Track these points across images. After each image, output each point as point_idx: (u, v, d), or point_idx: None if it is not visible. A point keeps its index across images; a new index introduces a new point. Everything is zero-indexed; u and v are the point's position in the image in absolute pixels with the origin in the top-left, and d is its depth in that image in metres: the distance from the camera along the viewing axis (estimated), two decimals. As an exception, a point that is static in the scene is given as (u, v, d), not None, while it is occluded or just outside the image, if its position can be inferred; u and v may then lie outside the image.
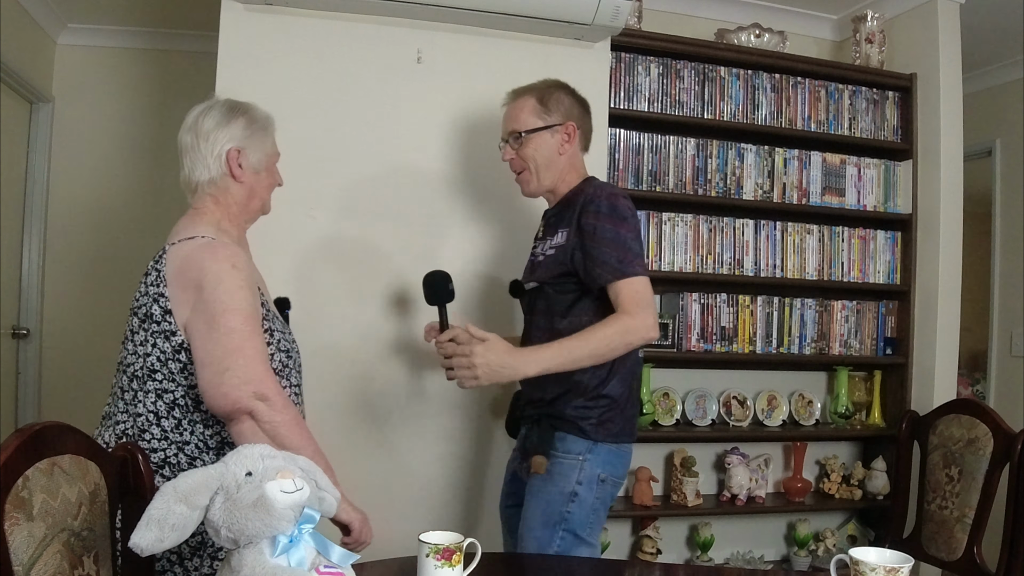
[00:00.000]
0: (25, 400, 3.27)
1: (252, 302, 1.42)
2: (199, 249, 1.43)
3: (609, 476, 1.68)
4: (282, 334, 1.57)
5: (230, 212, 1.55)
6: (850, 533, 3.07)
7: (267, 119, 1.60)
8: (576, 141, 1.79)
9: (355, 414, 2.31)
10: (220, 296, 1.38)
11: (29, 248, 3.32)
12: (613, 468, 1.69)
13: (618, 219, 1.64)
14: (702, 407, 2.94)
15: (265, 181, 1.59)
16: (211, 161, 1.51)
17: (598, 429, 1.67)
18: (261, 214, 1.66)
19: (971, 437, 2.33)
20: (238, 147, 1.52)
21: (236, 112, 1.55)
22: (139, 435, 1.43)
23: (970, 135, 3.04)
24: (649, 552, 2.76)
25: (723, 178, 2.85)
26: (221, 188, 1.53)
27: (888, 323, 3.05)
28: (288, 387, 1.56)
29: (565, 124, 1.76)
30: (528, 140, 1.77)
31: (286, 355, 1.56)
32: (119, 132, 3.39)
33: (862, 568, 1.12)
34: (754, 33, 2.93)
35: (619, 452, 1.70)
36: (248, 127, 1.55)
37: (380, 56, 2.34)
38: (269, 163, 1.59)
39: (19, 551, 0.98)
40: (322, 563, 1.04)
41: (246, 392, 1.34)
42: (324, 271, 2.31)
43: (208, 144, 1.50)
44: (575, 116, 1.77)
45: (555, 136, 1.76)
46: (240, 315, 1.38)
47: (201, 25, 3.07)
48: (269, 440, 1.34)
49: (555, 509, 1.65)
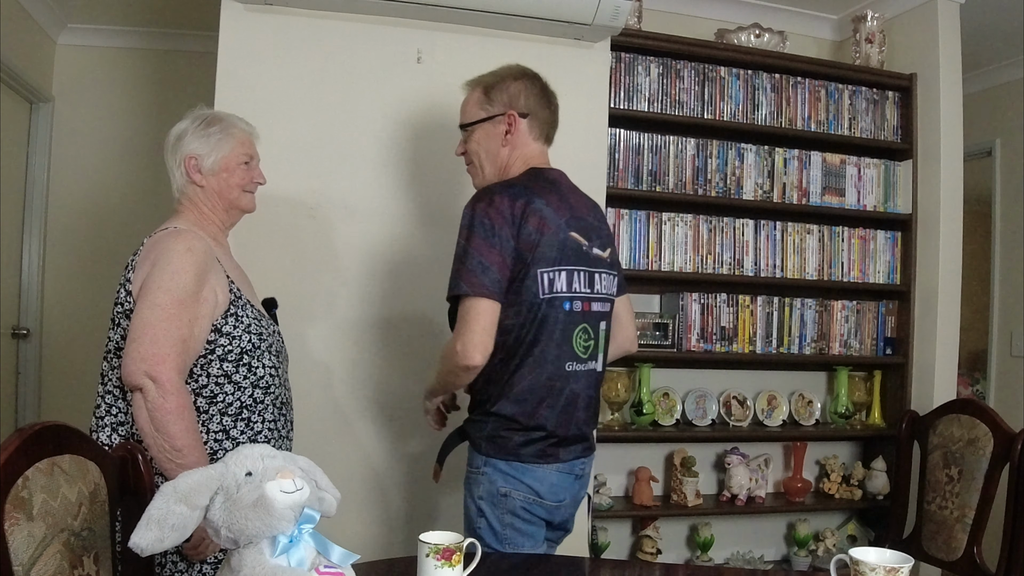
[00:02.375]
0: (25, 400, 3.27)
1: (191, 288, 1.46)
2: (166, 235, 1.53)
3: (513, 491, 1.54)
4: (270, 333, 1.62)
5: (202, 213, 1.64)
6: (850, 533, 3.08)
7: (228, 124, 1.65)
8: (520, 131, 1.65)
9: (362, 413, 2.31)
10: (161, 273, 1.45)
11: (29, 248, 3.32)
12: (516, 484, 1.54)
13: (468, 230, 1.51)
14: (702, 407, 2.94)
15: (230, 181, 1.64)
16: (176, 170, 1.63)
17: (488, 445, 1.56)
18: (242, 212, 1.71)
19: (971, 437, 2.33)
20: (193, 154, 1.61)
21: (196, 121, 1.63)
22: (108, 411, 1.50)
23: (970, 135, 3.04)
24: (649, 552, 2.77)
25: (723, 178, 2.85)
26: (189, 193, 1.64)
27: (888, 323, 3.05)
28: (272, 393, 1.59)
29: (506, 114, 1.64)
30: (471, 132, 1.70)
31: (276, 356, 1.62)
32: (119, 132, 3.39)
33: (862, 568, 1.12)
34: (754, 33, 2.93)
35: (523, 468, 1.54)
36: (203, 133, 1.62)
37: (380, 56, 2.34)
38: (227, 165, 1.63)
39: (19, 551, 0.98)
40: (322, 563, 1.04)
41: (139, 368, 1.38)
42: (324, 270, 2.31)
43: (173, 156, 1.63)
44: (520, 105, 1.65)
45: (497, 127, 1.65)
46: (170, 295, 1.43)
47: (201, 25, 3.07)
48: (148, 421, 1.38)
49: (471, 522, 1.61)
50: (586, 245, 1.60)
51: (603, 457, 2.71)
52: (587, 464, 1.69)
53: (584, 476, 1.68)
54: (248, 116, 2.21)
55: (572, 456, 1.61)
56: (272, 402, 1.60)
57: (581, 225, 1.60)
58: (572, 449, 1.61)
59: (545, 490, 1.57)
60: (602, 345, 1.66)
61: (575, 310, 1.57)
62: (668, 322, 2.82)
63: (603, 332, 1.66)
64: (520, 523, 1.57)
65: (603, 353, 1.67)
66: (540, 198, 1.55)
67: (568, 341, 1.56)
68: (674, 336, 2.82)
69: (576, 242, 1.57)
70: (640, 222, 2.77)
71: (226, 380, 1.52)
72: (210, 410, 1.51)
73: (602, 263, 1.64)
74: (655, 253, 2.79)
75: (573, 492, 1.64)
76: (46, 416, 3.23)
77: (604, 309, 1.66)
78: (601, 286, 1.64)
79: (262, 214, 2.25)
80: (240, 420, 1.54)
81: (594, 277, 1.62)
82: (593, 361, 1.63)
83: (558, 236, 1.54)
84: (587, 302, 1.60)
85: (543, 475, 1.56)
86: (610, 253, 1.69)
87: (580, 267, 1.58)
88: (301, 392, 2.28)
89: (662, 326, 2.82)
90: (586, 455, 1.67)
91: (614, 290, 1.70)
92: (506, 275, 1.49)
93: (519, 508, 1.56)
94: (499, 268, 1.48)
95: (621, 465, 2.89)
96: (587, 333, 1.60)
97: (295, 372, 1.94)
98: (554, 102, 1.72)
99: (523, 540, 1.58)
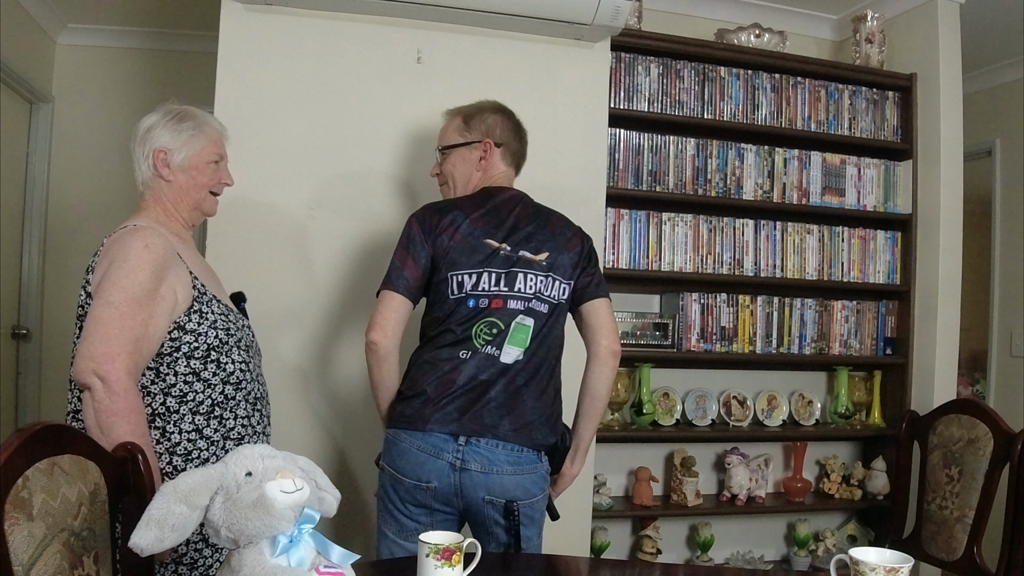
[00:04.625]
0: (25, 400, 3.27)
1: (147, 286, 1.44)
2: (124, 233, 1.51)
3: (386, 465, 1.66)
4: (238, 328, 1.61)
5: (166, 209, 1.62)
6: (850, 533, 3.08)
7: (200, 121, 1.65)
8: (494, 158, 1.82)
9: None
10: (117, 271, 1.43)
11: (29, 248, 3.32)
12: (387, 456, 1.66)
13: (398, 241, 1.73)
14: (702, 407, 2.94)
15: (197, 180, 1.64)
16: (143, 163, 1.61)
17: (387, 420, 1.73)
18: (203, 214, 1.70)
19: (971, 437, 2.33)
20: (163, 148, 1.60)
21: (167, 116, 1.62)
22: (74, 416, 1.48)
23: (970, 135, 3.04)
24: (649, 552, 2.77)
25: (723, 178, 2.85)
26: (154, 188, 1.62)
27: (888, 323, 3.05)
28: (244, 389, 1.58)
29: (483, 141, 1.81)
30: (448, 155, 1.85)
31: (246, 351, 1.62)
32: (119, 132, 3.35)
33: (862, 568, 1.12)
34: (754, 33, 2.93)
35: (392, 439, 1.65)
36: (175, 128, 1.61)
37: (380, 56, 2.34)
38: (197, 162, 1.63)
39: (19, 551, 0.98)
40: (322, 563, 1.04)
41: (88, 366, 1.36)
42: (324, 270, 2.31)
43: (141, 147, 1.61)
44: (496, 135, 1.82)
45: (472, 152, 1.82)
46: (125, 293, 1.41)
47: (201, 25, 3.07)
48: (94, 421, 1.36)
49: None
50: (506, 250, 1.69)
51: (603, 457, 2.71)
52: (477, 453, 1.60)
53: (470, 470, 1.59)
54: (248, 116, 2.23)
55: (446, 428, 1.59)
56: (244, 398, 1.59)
57: (506, 233, 1.71)
58: (446, 420, 1.60)
59: (404, 464, 1.61)
60: (520, 338, 1.66)
61: (480, 306, 1.66)
62: (668, 322, 2.82)
63: (523, 327, 1.67)
64: (387, 503, 1.65)
65: (519, 346, 1.66)
66: (459, 211, 1.72)
67: (468, 332, 1.66)
68: (674, 336, 2.82)
69: (489, 247, 1.69)
70: (640, 222, 2.77)
71: (195, 378, 1.51)
72: (180, 409, 1.49)
73: (534, 266, 1.70)
74: (655, 253, 2.79)
75: (444, 477, 1.59)
76: (46, 416, 3.23)
77: (533, 308, 1.68)
78: (526, 286, 1.69)
79: (262, 214, 2.26)
80: (212, 418, 1.52)
81: (516, 277, 1.68)
82: (495, 348, 1.65)
83: (469, 242, 1.68)
84: (499, 299, 1.67)
85: (405, 448, 1.62)
86: (548, 257, 1.71)
87: (494, 269, 1.68)
88: (301, 391, 2.29)
89: (662, 326, 2.82)
90: (476, 439, 1.60)
91: (556, 293, 1.71)
92: (416, 276, 1.68)
93: (389, 488, 1.65)
94: (410, 271, 1.68)
95: (621, 465, 2.90)
96: (493, 326, 1.66)
97: (297, 371, 1.95)
98: (525, 138, 1.89)
99: (391, 523, 1.65)
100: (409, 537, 1.62)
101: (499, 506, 1.61)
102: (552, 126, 2.45)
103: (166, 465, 1.47)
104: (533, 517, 1.66)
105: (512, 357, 1.65)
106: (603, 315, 1.77)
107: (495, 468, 1.60)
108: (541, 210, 1.81)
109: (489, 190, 1.80)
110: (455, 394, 1.62)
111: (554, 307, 1.71)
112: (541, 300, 1.70)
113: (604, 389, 1.77)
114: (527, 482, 1.63)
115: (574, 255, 1.75)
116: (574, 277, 1.75)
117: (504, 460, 1.60)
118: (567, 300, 1.74)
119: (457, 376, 1.63)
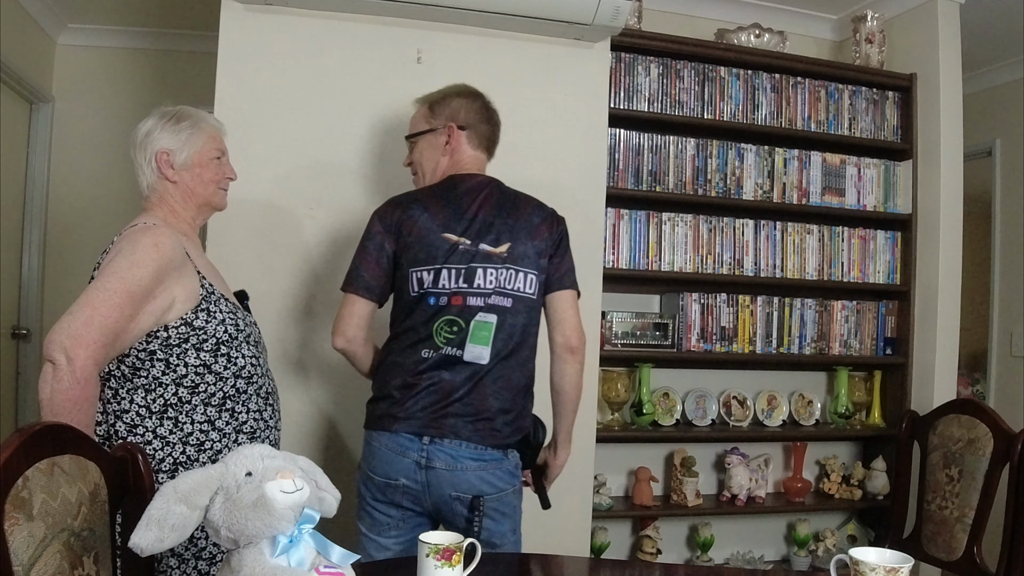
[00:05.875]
0: (25, 400, 3.27)
1: (145, 283, 1.43)
2: (135, 231, 1.52)
3: (361, 463, 1.70)
4: (247, 324, 1.63)
5: (173, 210, 1.63)
6: (850, 533, 3.08)
7: (197, 119, 1.65)
8: (461, 142, 1.78)
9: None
10: (121, 261, 1.44)
11: (29, 248, 3.32)
12: (363, 455, 1.69)
13: (360, 238, 1.73)
14: (702, 407, 2.94)
15: (203, 177, 1.64)
16: (146, 167, 1.62)
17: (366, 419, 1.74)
18: (213, 209, 1.71)
19: (971, 437, 2.33)
20: (165, 149, 1.60)
21: (164, 118, 1.63)
22: (108, 401, 1.49)
23: (970, 135, 3.04)
24: (649, 552, 2.77)
25: (723, 178, 2.85)
26: (160, 190, 1.63)
27: (888, 323, 3.05)
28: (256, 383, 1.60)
29: (447, 126, 1.78)
30: (416, 143, 1.84)
31: (255, 347, 1.64)
32: (119, 132, 3.36)
33: (862, 568, 1.12)
34: (754, 33, 2.93)
35: (367, 439, 1.68)
36: (173, 129, 1.62)
37: (380, 56, 2.34)
38: (200, 159, 1.63)
39: (19, 551, 0.98)
40: (322, 563, 1.04)
41: (61, 341, 1.33)
42: (324, 270, 2.31)
43: (142, 152, 1.61)
44: (460, 119, 1.78)
45: (438, 137, 1.79)
46: (122, 284, 1.41)
47: (201, 25, 3.07)
48: (48, 396, 1.33)
49: None
50: (465, 244, 1.65)
51: (603, 457, 2.71)
52: (442, 451, 1.60)
53: (435, 468, 1.60)
54: (248, 116, 2.23)
55: (411, 429, 1.61)
56: (256, 392, 1.60)
57: (467, 225, 1.67)
58: (411, 421, 1.61)
59: (375, 463, 1.64)
60: (483, 336, 1.64)
61: (440, 304, 1.64)
62: (668, 322, 2.82)
63: (484, 324, 1.64)
64: (366, 505, 1.67)
65: (483, 344, 1.63)
66: (419, 205, 1.70)
67: (429, 331, 1.64)
68: (674, 336, 2.82)
69: (448, 242, 1.65)
70: (640, 222, 2.77)
71: (206, 370, 1.51)
72: (192, 400, 1.50)
73: (493, 259, 1.66)
74: (655, 253, 2.79)
75: (412, 474, 1.60)
76: (46, 416, 3.23)
77: (495, 303, 1.65)
78: (486, 281, 1.65)
79: (262, 214, 2.26)
80: (224, 411, 1.53)
81: (475, 272, 1.64)
82: (457, 348, 1.63)
83: (428, 238, 1.66)
84: (459, 296, 1.64)
85: (376, 448, 1.64)
86: (509, 248, 1.67)
87: (452, 265, 1.65)
88: (301, 391, 2.29)
89: (662, 326, 2.82)
90: (439, 439, 1.61)
91: (521, 286, 1.67)
92: (376, 275, 1.68)
93: (364, 488, 1.67)
94: (368, 270, 1.68)
95: (621, 465, 2.90)
96: (454, 324, 1.64)
97: (297, 370, 1.95)
98: (495, 119, 1.84)
99: (369, 523, 1.67)
100: (381, 532, 1.66)
101: (467, 502, 1.61)
102: (552, 126, 2.46)
103: (180, 455, 1.48)
104: (504, 512, 1.65)
105: (475, 356, 1.63)
106: (563, 308, 1.73)
107: (459, 465, 1.61)
108: (509, 196, 1.75)
109: (454, 178, 1.76)
110: (419, 395, 1.62)
111: (520, 300, 1.67)
112: (503, 295, 1.65)
113: (568, 385, 1.75)
114: (493, 477, 1.63)
115: (540, 243, 1.70)
116: (542, 267, 1.70)
117: (467, 457, 1.61)
118: (536, 291, 1.69)
119: (420, 379, 1.63)
